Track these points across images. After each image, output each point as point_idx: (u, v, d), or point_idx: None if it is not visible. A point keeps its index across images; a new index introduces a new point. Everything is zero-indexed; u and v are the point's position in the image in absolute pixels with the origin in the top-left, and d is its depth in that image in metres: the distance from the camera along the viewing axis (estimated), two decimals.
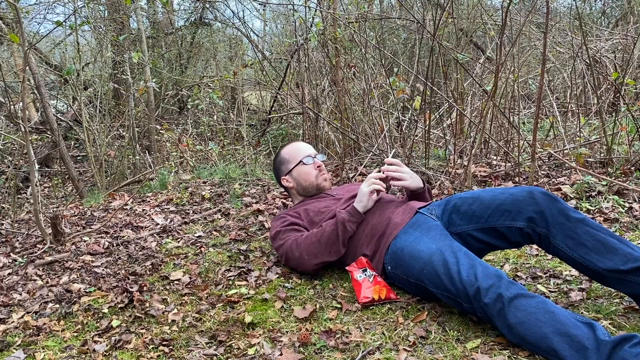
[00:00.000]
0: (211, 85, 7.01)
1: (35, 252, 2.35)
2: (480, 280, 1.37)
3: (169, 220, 2.79)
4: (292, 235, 1.91)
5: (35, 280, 2.05)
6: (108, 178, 5.12)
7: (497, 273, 1.38)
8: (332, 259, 1.84)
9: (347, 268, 1.75)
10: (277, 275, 1.93)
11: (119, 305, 1.76)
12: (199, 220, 2.77)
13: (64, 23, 4.08)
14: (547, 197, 1.53)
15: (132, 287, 1.87)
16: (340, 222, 1.80)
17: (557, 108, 4.31)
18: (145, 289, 1.88)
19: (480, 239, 1.65)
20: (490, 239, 1.64)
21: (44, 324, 1.66)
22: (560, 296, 1.64)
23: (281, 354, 1.38)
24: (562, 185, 2.71)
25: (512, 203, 1.57)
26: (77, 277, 2.06)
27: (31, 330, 1.63)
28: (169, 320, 1.64)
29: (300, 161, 2.13)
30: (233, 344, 1.46)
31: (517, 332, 1.29)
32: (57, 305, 1.80)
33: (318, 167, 2.14)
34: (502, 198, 1.60)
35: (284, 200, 2.93)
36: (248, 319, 1.58)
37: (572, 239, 1.48)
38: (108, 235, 2.58)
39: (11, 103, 4.24)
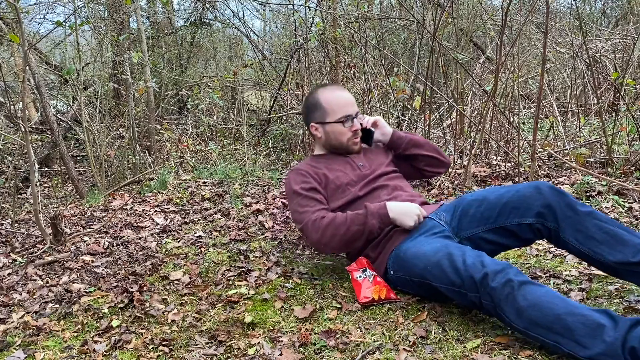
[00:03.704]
0: (211, 85, 7.01)
1: (35, 252, 2.35)
2: (488, 266, 1.35)
3: (169, 220, 2.79)
4: (313, 210, 1.80)
5: (35, 280, 2.05)
6: (108, 178, 5.12)
7: (506, 263, 1.37)
8: (348, 250, 1.83)
9: (347, 268, 1.76)
10: (277, 275, 1.93)
11: (119, 305, 1.76)
12: (199, 220, 2.77)
13: (64, 23, 4.08)
14: (554, 191, 1.52)
15: (132, 287, 1.87)
16: (369, 230, 1.73)
17: (557, 108, 4.31)
18: (145, 289, 1.88)
19: (491, 240, 1.63)
20: (501, 238, 1.62)
21: (44, 324, 1.66)
22: None
23: (281, 354, 1.38)
24: (562, 185, 2.71)
25: (519, 200, 1.55)
26: (77, 277, 2.06)
27: (31, 330, 1.63)
28: (169, 320, 1.64)
29: (341, 121, 1.96)
30: (233, 344, 1.46)
31: (527, 315, 1.26)
32: (57, 305, 1.80)
33: (354, 131, 1.98)
34: (509, 196, 1.59)
35: (284, 201, 2.93)
36: (248, 319, 1.58)
37: (581, 232, 1.47)
38: (108, 235, 2.58)
39: (11, 103, 4.24)
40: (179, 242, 2.44)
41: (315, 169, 1.94)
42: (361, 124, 2.02)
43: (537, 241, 2.14)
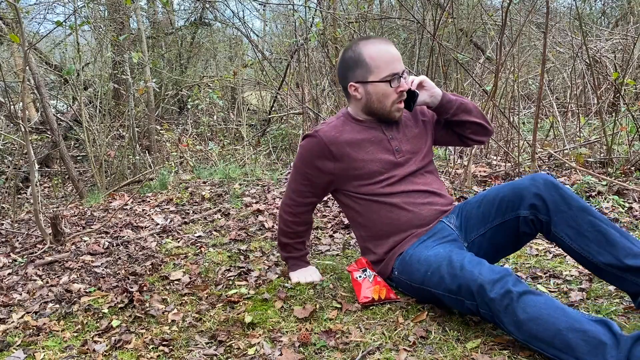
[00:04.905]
0: (211, 85, 7.01)
1: (35, 252, 2.35)
2: (485, 275, 1.32)
3: (169, 220, 2.79)
4: (289, 196, 1.87)
5: (35, 280, 2.06)
6: (108, 178, 5.12)
7: (504, 270, 1.34)
8: None
9: (347, 268, 1.76)
10: (277, 275, 1.93)
11: (119, 305, 1.75)
12: (199, 220, 2.77)
13: (64, 23, 4.08)
14: (549, 183, 1.47)
15: (132, 287, 1.87)
16: (281, 254, 1.97)
17: (557, 108, 4.31)
18: (145, 289, 1.88)
19: (496, 239, 1.60)
20: (505, 237, 1.58)
21: (44, 324, 1.66)
22: (560, 296, 1.64)
23: (281, 354, 1.38)
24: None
25: (514, 193, 1.53)
26: (77, 277, 2.06)
27: (31, 330, 1.63)
28: (169, 320, 1.64)
29: (387, 80, 1.67)
30: (233, 344, 1.46)
31: (527, 328, 1.24)
32: (57, 305, 1.80)
33: (400, 91, 1.71)
34: (505, 191, 1.56)
35: None
36: (248, 319, 1.58)
37: (573, 228, 1.44)
38: (108, 235, 2.58)
39: (11, 103, 4.25)
40: (179, 242, 2.45)
41: (337, 146, 1.73)
42: None
43: (537, 241, 2.15)
